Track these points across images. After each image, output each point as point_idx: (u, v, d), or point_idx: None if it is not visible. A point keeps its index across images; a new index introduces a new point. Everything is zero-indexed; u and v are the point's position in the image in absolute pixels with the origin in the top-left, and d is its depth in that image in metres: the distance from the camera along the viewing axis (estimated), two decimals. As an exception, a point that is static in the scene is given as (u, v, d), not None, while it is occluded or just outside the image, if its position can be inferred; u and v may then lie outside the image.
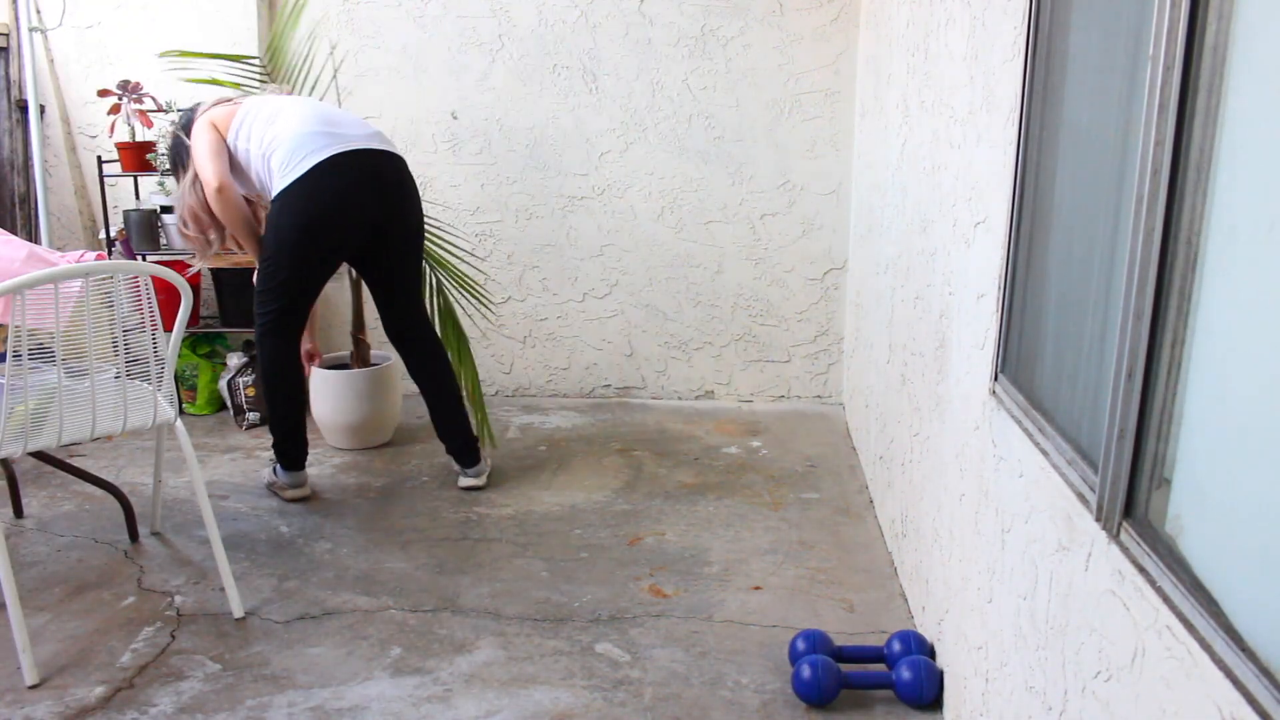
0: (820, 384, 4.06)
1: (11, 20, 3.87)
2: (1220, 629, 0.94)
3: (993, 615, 1.68)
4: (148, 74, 3.78)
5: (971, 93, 1.98)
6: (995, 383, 1.75)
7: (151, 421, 2.34)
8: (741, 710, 2.02)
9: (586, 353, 4.12)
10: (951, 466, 2.02)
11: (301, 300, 2.89)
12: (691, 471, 3.32)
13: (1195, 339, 1.07)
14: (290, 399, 2.96)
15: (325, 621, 2.36)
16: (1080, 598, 1.29)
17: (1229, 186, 1.01)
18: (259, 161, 2.80)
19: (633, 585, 2.54)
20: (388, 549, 2.74)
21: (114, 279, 2.19)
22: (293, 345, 2.93)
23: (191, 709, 2.02)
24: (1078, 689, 1.28)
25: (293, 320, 2.89)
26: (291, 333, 2.90)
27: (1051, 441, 1.46)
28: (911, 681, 1.99)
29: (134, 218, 3.68)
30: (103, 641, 2.27)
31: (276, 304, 2.84)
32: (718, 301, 4.02)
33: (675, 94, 3.85)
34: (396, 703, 2.04)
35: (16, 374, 2.07)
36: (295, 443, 3.02)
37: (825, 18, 3.75)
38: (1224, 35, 1.02)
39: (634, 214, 3.96)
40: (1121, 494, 1.19)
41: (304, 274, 2.84)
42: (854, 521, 2.92)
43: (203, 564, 2.64)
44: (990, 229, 1.81)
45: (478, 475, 3.16)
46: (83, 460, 3.30)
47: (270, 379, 2.92)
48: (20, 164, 3.95)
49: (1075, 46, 1.50)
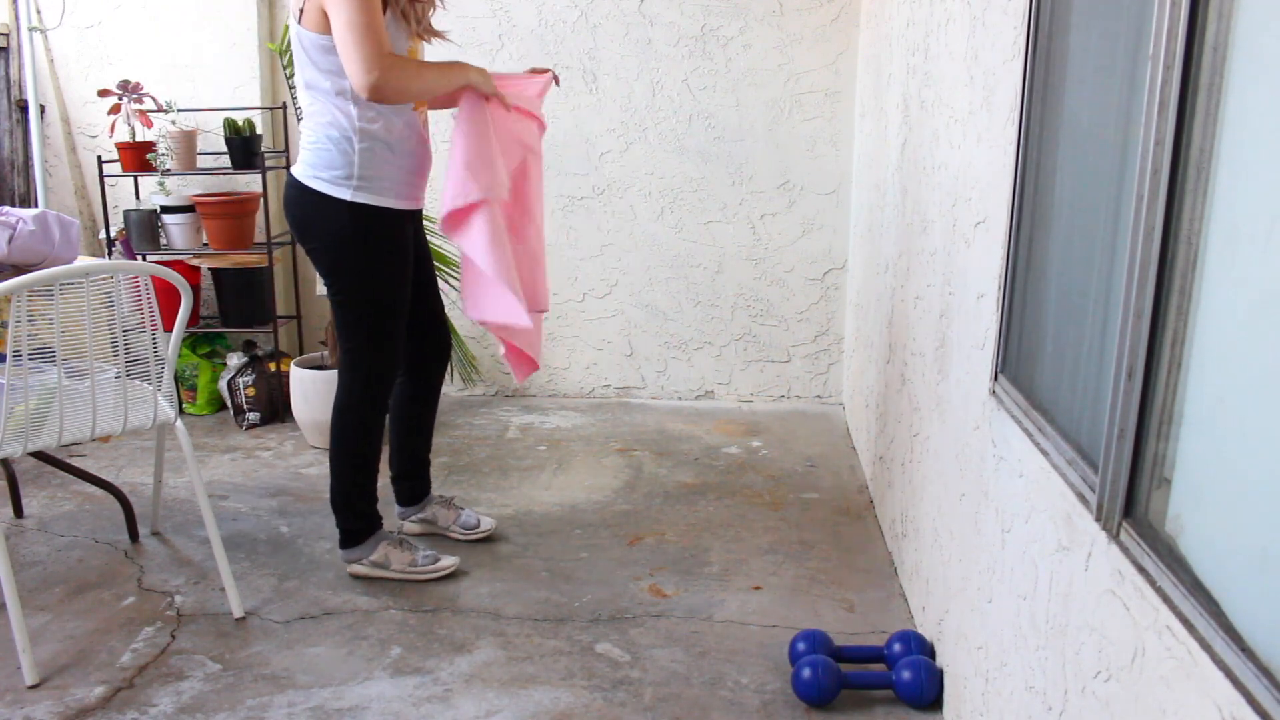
0: (820, 384, 4.06)
1: (11, 20, 3.87)
2: (1220, 629, 0.94)
3: (993, 615, 1.68)
4: (148, 74, 3.78)
5: (971, 93, 1.98)
6: (995, 383, 1.75)
7: (151, 421, 2.34)
8: (741, 710, 2.02)
9: (586, 353, 4.12)
10: (951, 466, 2.02)
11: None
12: (691, 471, 3.32)
13: (1195, 339, 1.07)
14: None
15: (325, 621, 2.36)
16: (1080, 598, 1.29)
17: (1229, 186, 1.01)
18: None
19: (633, 585, 2.54)
20: (388, 549, 2.73)
21: (114, 279, 2.19)
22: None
23: (191, 709, 2.02)
24: (1078, 689, 1.28)
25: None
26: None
27: (1051, 441, 1.46)
28: (911, 681, 1.99)
29: (134, 218, 3.68)
30: (103, 641, 2.27)
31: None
32: (718, 301, 4.02)
33: (675, 94, 3.85)
34: (396, 703, 2.04)
35: (16, 374, 2.07)
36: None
37: (825, 18, 3.75)
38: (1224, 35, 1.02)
39: (634, 214, 3.96)
40: (1121, 494, 1.19)
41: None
42: (854, 521, 2.92)
43: (203, 564, 2.64)
44: (990, 229, 1.81)
45: (433, 520, 2.81)
46: (83, 460, 3.30)
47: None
48: (20, 164, 3.95)
49: (1075, 46, 1.50)
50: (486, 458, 3.45)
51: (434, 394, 2.75)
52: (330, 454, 2.52)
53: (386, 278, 2.41)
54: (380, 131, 2.31)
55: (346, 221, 2.33)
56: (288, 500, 3.07)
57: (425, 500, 2.81)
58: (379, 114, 2.30)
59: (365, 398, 2.47)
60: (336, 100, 2.27)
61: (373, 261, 2.38)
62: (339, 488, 2.52)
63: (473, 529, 2.78)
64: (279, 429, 3.72)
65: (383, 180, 2.34)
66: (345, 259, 2.37)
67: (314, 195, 2.32)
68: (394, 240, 2.41)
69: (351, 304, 2.41)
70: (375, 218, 2.35)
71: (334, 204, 2.31)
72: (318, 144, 2.31)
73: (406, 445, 2.76)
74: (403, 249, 2.44)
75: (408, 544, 2.56)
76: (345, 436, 2.49)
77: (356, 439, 2.50)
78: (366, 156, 2.30)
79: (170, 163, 3.60)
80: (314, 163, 2.32)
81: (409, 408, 2.72)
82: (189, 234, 3.74)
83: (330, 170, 2.30)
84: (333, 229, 2.34)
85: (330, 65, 2.24)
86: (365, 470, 2.52)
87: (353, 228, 2.33)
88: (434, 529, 2.80)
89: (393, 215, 2.38)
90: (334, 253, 2.38)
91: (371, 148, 2.30)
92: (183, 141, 3.63)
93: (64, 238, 2.44)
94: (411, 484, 2.79)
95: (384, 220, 2.37)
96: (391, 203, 2.36)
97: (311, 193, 2.32)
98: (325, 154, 2.30)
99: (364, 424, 2.49)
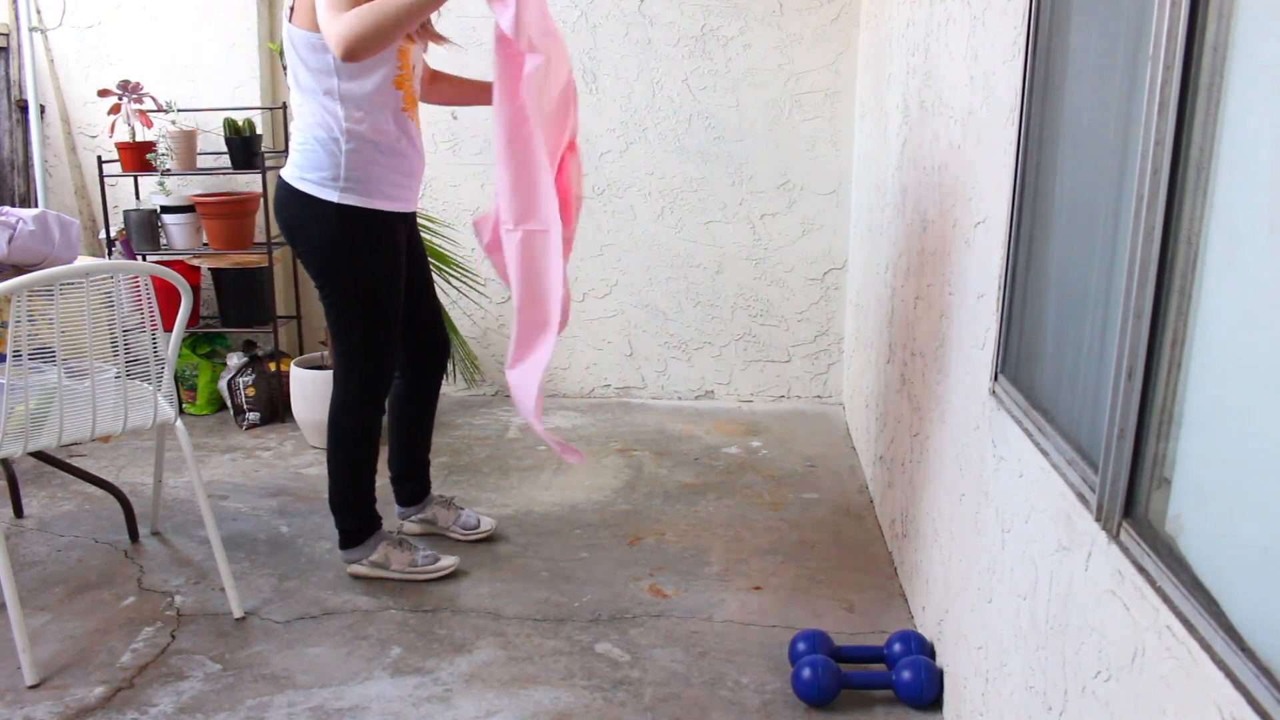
0: (820, 384, 4.06)
1: (11, 20, 3.87)
2: (1220, 629, 0.94)
3: (993, 615, 1.68)
4: (148, 74, 3.78)
5: (971, 93, 1.98)
6: (995, 383, 1.75)
7: (151, 421, 2.34)
8: (741, 710, 2.02)
9: (586, 353, 4.12)
10: (951, 466, 2.02)
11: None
12: (691, 471, 3.32)
13: (1195, 339, 1.07)
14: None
15: (325, 621, 2.36)
16: (1080, 598, 1.29)
17: (1229, 186, 1.01)
18: None
19: (633, 585, 2.54)
20: (388, 549, 2.73)
21: (114, 279, 2.19)
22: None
23: (191, 709, 2.02)
24: (1078, 689, 1.28)
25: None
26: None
27: (1051, 441, 1.46)
28: (911, 681, 1.99)
29: (134, 218, 3.68)
30: (103, 641, 2.27)
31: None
32: (718, 301, 4.02)
33: (675, 94, 3.85)
34: (396, 703, 2.04)
35: (16, 374, 2.07)
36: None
37: (825, 18, 3.75)
38: (1224, 35, 1.02)
39: (634, 214, 3.96)
40: (1121, 494, 1.19)
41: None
42: (854, 521, 2.92)
43: (203, 564, 2.64)
44: (990, 229, 1.81)
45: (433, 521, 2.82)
46: (83, 460, 3.30)
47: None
48: (20, 164, 3.95)
49: (1075, 46, 1.50)
50: (486, 458, 3.45)
51: (433, 395, 2.74)
52: (328, 456, 2.51)
53: (377, 280, 2.39)
54: (368, 132, 2.28)
55: (334, 223, 2.31)
56: (288, 500, 3.07)
57: (425, 500, 2.81)
58: (366, 114, 2.27)
59: (361, 399, 2.46)
60: (324, 100, 2.25)
61: (362, 264, 2.36)
62: (337, 489, 2.52)
63: (473, 529, 2.78)
64: (279, 429, 3.73)
65: (371, 182, 2.31)
66: (334, 261, 2.36)
67: (302, 197, 2.31)
68: (383, 242, 2.38)
69: (343, 306, 2.40)
70: (363, 220, 2.32)
71: (321, 206, 2.29)
72: (305, 145, 2.29)
73: (405, 446, 2.75)
74: (393, 251, 2.41)
75: (408, 544, 2.56)
76: (342, 438, 2.49)
77: (353, 441, 2.49)
78: (354, 158, 2.28)
79: (170, 163, 3.60)
80: (302, 164, 2.30)
81: (407, 408, 2.72)
82: (189, 234, 3.74)
83: (317, 172, 2.29)
84: (321, 231, 2.33)
85: (319, 64, 2.23)
86: (363, 471, 2.52)
87: (340, 230, 2.32)
88: (434, 529, 2.80)
89: (382, 217, 2.35)
90: (323, 255, 2.36)
91: (359, 149, 2.28)
92: (183, 141, 3.63)
93: (64, 238, 2.44)
94: (411, 484, 2.79)
95: (373, 222, 2.34)
96: (380, 204, 2.34)
97: (299, 194, 2.31)
98: (313, 155, 2.28)
99: (361, 426, 2.49)
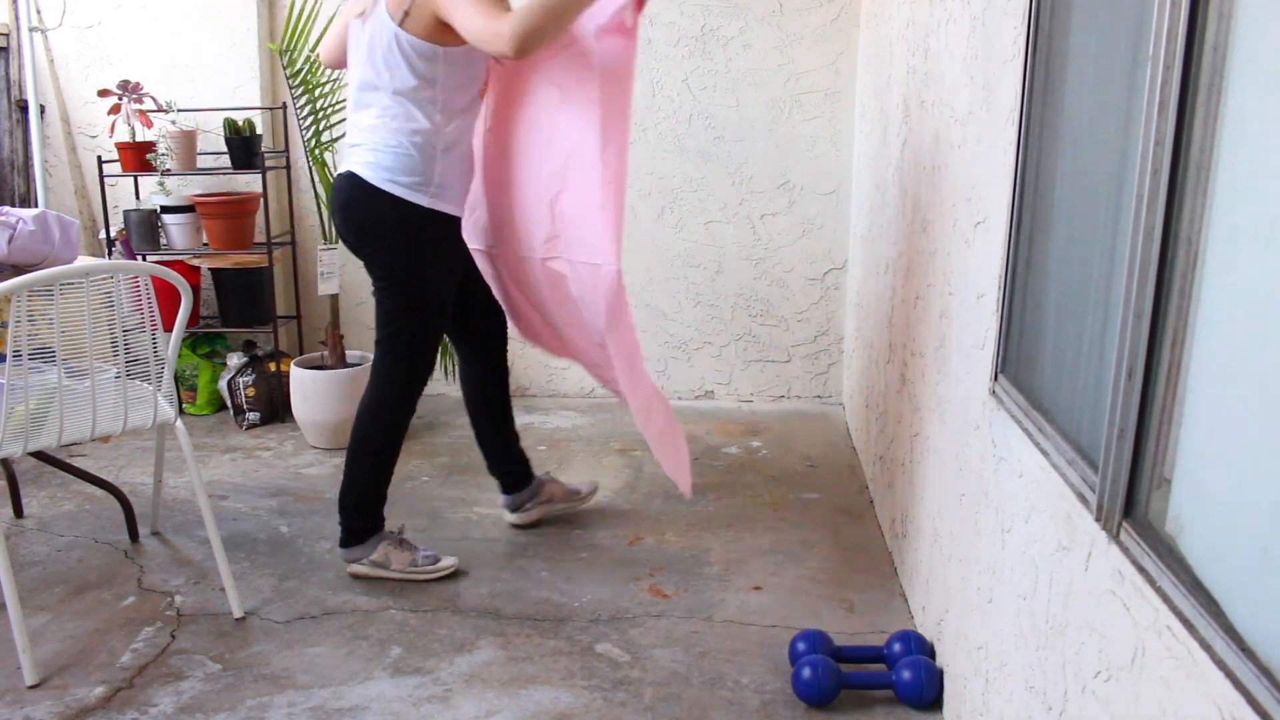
0: (820, 384, 4.06)
1: (11, 20, 3.87)
2: (1220, 629, 0.94)
3: (993, 615, 1.68)
4: (148, 74, 3.78)
5: (971, 93, 1.98)
6: (995, 383, 1.75)
7: (151, 421, 2.34)
8: (741, 710, 2.02)
9: (586, 353, 4.11)
10: (951, 466, 2.02)
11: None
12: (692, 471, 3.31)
13: (1195, 339, 1.07)
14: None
15: (325, 621, 2.36)
16: (1080, 598, 1.29)
17: (1229, 186, 1.01)
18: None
19: (633, 585, 2.54)
20: (388, 549, 2.73)
21: (114, 279, 2.19)
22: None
23: (191, 709, 2.02)
24: (1078, 689, 1.28)
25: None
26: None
27: (1051, 441, 1.46)
28: (911, 682, 1.99)
29: (134, 218, 3.68)
30: (103, 641, 2.27)
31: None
32: (718, 301, 4.02)
33: (675, 94, 3.85)
34: (396, 703, 2.04)
35: (16, 374, 2.07)
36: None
37: (825, 18, 3.75)
38: (1224, 35, 1.02)
39: (634, 214, 3.95)
40: (1121, 494, 1.19)
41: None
42: (854, 521, 2.92)
43: (203, 564, 2.64)
44: (990, 229, 1.81)
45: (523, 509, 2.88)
46: (83, 460, 3.30)
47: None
48: (20, 164, 3.95)
49: (1075, 46, 1.50)
50: (486, 458, 3.45)
51: (506, 372, 2.79)
52: (350, 452, 2.51)
53: (440, 283, 2.44)
54: (458, 141, 2.35)
55: (419, 227, 2.34)
56: (288, 500, 3.07)
57: (532, 482, 2.85)
58: (459, 123, 2.34)
59: (399, 397, 2.49)
60: (425, 107, 2.28)
61: (434, 267, 2.41)
62: (354, 487, 2.52)
63: (581, 494, 2.94)
64: (279, 429, 3.73)
65: (455, 188, 2.38)
66: (409, 263, 2.38)
67: (387, 198, 2.31)
68: (454, 247, 2.45)
69: (404, 307, 2.43)
70: (445, 225, 2.39)
71: (410, 209, 2.31)
72: (399, 148, 2.29)
73: (496, 428, 2.79)
74: (458, 257, 2.49)
75: (407, 544, 2.56)
76: (373, 435, 2.50)
77: (384, 438, 2.51)
78: (447, 164, 2.33)
79: (170, 163, 3.60)
80: (392, 166, 2.30)
81: (487, 392, 2.76)
82: (189, 234, 3.74)
83: (410, 175, 2.30)
84: (400, 232, 2.35)
85: (429, 72, 2.25)
86: (385, 470, 2.53)
87: (423, 234, 2.36)
88: (553, 508, 2.88)
89: (455, 222, 2.41)
90: (397, 255, 2.38)
91: (451, 156, 2.34)
92: (183, 141, 3.63)
93: (64, 238, 2.44)
94: (512, 466, 2.83)
95: (450, 227, 2.41)
96: (456, 210, 2.40)
97: (385, 196, 2.31)
98: (407, 159, 2.29)
99: (394, 424, 2.51)
